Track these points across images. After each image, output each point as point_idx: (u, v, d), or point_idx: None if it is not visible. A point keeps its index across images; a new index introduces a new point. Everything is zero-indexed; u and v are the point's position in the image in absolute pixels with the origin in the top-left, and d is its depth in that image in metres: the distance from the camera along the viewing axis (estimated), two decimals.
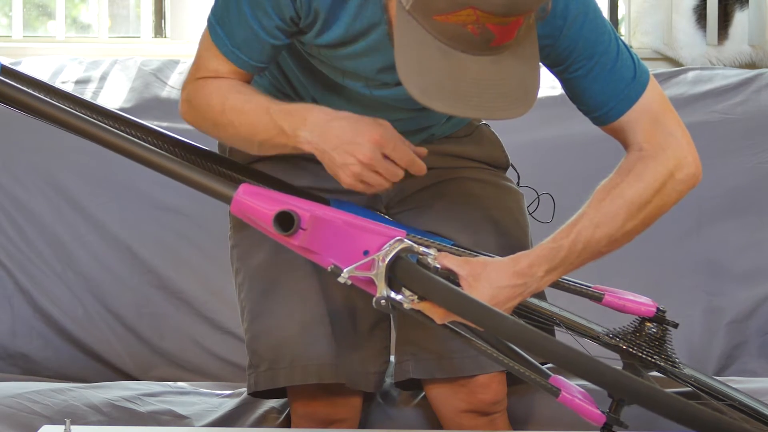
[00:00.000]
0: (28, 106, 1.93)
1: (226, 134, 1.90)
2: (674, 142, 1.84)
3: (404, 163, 1.79)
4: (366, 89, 1.91)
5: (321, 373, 1.96)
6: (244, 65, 1.87)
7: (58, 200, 2.79)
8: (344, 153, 1.77)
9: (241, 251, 2.05)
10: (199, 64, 1.91)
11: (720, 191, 2.82)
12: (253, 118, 1.84)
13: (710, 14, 3.26)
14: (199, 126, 1.93)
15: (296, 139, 1.80)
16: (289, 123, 1.80)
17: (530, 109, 1.65)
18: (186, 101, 1.93)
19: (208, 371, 2.72)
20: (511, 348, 1.81)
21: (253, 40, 1.84)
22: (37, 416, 2.13)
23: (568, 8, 1.77)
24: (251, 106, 1.85)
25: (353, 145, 1.77)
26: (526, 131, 2.73)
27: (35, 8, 3.53)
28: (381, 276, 1.72)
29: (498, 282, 1.77)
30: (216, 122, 1.88)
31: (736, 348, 2.77)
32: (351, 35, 1.82)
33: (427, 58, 1.62)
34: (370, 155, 1.76)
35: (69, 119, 1.91)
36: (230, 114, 1.85)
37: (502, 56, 1.63)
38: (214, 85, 1.88)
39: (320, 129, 1.79)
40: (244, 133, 1.86)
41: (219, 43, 1.86)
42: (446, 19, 1.59)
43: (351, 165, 1.77)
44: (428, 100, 1.62)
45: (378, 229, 1.77)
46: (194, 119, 1.92)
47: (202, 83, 1.89)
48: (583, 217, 1.80)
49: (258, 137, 1.85)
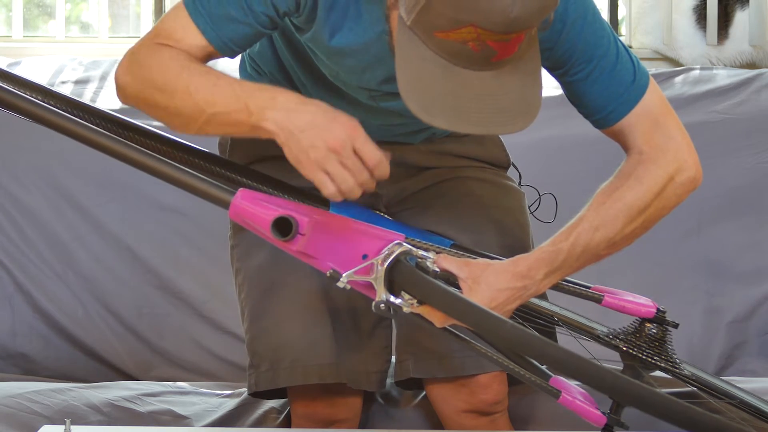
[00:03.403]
0: (21, 110, 1.92)
1: (171, 103, 1.78)
2: (674, 145, 1.83)
3: (372, 161, 1.71)
4: (371, 101, 1.90)
5: (322, 373, 1.96)
6: (221, 46, 1.80)
7: (58, 200, 2.79)
8: (313, 136, 1.69)
9: (242, 251, 2.05)
10: (160, 30, 1.82)
11: (720, 191, 2.82)
12: (214, 88, 1.75)
13: (710, 14, 3.26)
14: (137, 90, 1.81)
15: (260, 117, 1.71)
16: (257, 100, 1.72)
17: (532, 122, 1.65)
18: (132, 61, 1.82)
19: (208, 371, 2.72)
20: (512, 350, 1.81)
21: (237, 21, 1.78)
22: (37, 416, 2.13)
23: (567, 12, 1.77)
24: (213, 76, 1.77)
25: (324, 130, 1.70)
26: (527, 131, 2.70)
27: (35, 8, 3.53)
28: (380, 280, 1.72)
29: (497, 284, 1.77)
30: (165, 87, 1.77)
31: (736, 348, 2.77)
32: (356, 45, 1.81)
33: (428, 75, 1.62)
34: (340, 142, 1.69)
35: (64, 123, 1.89)
36: (188, 80, 1.76)
37: (504, 71, 1.63)
38: (173, 51, 1.79)
39: (290, 110, 1.71)
40: (197, 101, 1.75)
41: (198, 18, 1.79)
42: (447, 36, 1.59)
43: (317, 148, 1.69)
44: (430, 117, 1.62)
45: (376, 233, 1.76)
46: (134, 81, 1.81)
47: (160, 47, 1.80)
48: (582, 220, 1.80)
49: (212, 109, 1.74)
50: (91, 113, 1.99)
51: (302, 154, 1.71)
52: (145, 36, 1.85)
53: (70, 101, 2.00)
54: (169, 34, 1.81)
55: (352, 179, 1.71)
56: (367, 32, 1.80)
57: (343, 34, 1.80)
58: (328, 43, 1.82)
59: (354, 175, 1.71)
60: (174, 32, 1.80)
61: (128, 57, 1.84)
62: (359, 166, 1.71)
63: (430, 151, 2.07)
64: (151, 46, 1.81)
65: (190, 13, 1.80)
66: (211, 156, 2.01)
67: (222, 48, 1.81)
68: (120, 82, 1.84)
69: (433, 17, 1.58)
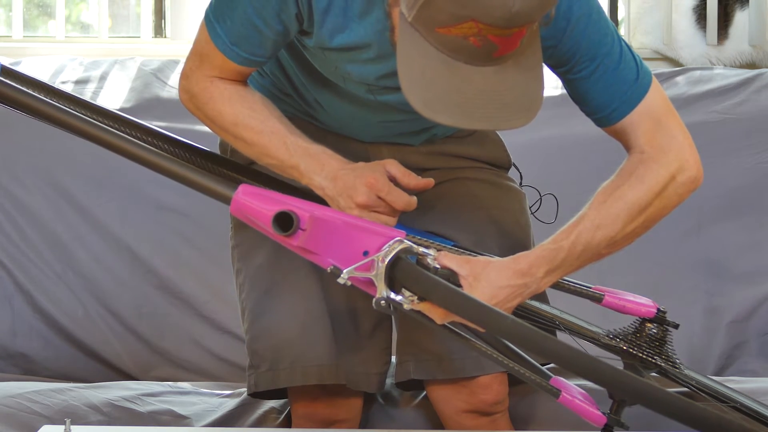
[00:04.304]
0: (27, 107, 1.93)
1: (231, 142, 1.92)
2: (676, 145, 1.83)
3: (400, 206, 1.83)
4: (369, 94, 1.90)
5: (321, 374, 1.96)
6: (243, 61, 1.86)
7: (58, 200, 2.79)
8: (346, 197, 1.82)
9: (243, 251, 2.05)
10: (203, 56, 1.88)
11: (720, 191, 2.82)
12: (268, 144, 1.87)
13: (710, 14, 3.26)
14: (202, 120, 1.93)
15: (310, 181, 1.85)
16: (306, 164, 1.85)
17: (534, 118, 1.65)
18: (189, 93, 1.91)
19: (208, 371, 2.72)
20: (512, 349, 1.80)
21: (254, 35, 1.83)
22: (37, 416, 2.13)
23: (572, 10, 1.77)
24: (267, 132, 1.87)
25: (352, 190, 1.82)
26: (528, 131, 2.69)
27: (35, 8, 3.53)
28: (381, 277, 1.72)
29: (498, 282, 1.77)
30: (223, 129, 1.90)
31: (736, 348, 2.77)
32: (359, 42, 1.81)
33: (430, 70, 1.62)
34: (365, 198, 1.81)
35: (68, 120, 1.91)
36: (243, 131, 1.87)
37: (505, 66, 1.63)
38: (224, 95, 1.88)
39: (332, 176, 1.84)
40: (254, 152, 1.89)
41: (217, 41, 1.85)
42: (448, 32, 1.59)
43: (352, 209, 1.82)
44: (431, 112, 1.63)
45: (377, 230, 1.77)
46: (197, 113, 1.92)
47: (210, 83, 1.88)
48: (583, 218, 1.80)
49: (268, 160, 1.89)
50: (94, 111, 2.00)
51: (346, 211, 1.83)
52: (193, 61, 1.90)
53: (74, 99, 2.00)
54: (211, 62, 1.87)
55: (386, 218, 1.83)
56: (368, 31, 1.80)
57: (344, 35, 1.80)
58: (329, 43, 1.82)
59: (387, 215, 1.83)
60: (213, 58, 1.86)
61: (184, 83, 1.92)
62: (390, 210, 1.83)
63: (430, 153, 2.07)
64: (203, 78, 1.89)
65: (212, 39, 1.85)
66: (213, 155, 2.01)
67: (249, 64, 1.87)
68: (185, 105, 1.94)
69: (434, 12, 1.58)
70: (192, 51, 1.90)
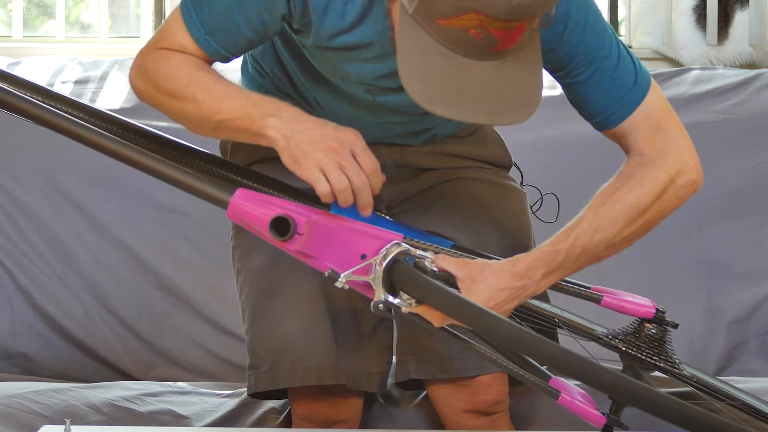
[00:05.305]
0: (21, 111, 1.92)
1: (181, 109, 1.84)
2: (675, 147, 1.83)
3: (369, 167, 1.74)
4: (368, 95, 1.90)
5: (322, 375, 1.96)
6: (214, 53, 1.84)
7: (58, 200, 2.80)
8: (313, 138, 1.74)
9: (243, 252, 2.05)
10: (164, 34, 1.86)
11: (720, 191, 2.82)
12: (220, 98, 1.80)
13: (710, 14, 3.26)
14: (150, 95, 1.87)
15: (262, 123, 1.76)
16: (260, 108, 1.77)
17: (533, 114, 1.65)
18: (142, 67, 1.87)
19: (208, 371, 2.72)
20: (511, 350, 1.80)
21: (231, 29, 1.81)
22: (37, 416, 2.13)
23: (569, 13, 1.77)
24: (221, 86, 1.81)
25: (325, 133, 1.74)
26: (529, 130, 2.72)
27: (35, 8, 3.53)
28: (378, 280, 1.72)
29: (496, 284, 1.77)
30: (174, 94, 1.83)
31: (736, 348, 2.77)
32: (359, 42, 1.81)
33: (430, 63, 1.62)
34: (340, 143, 1.73)
35: (63, 124, 1.90)
36: (195, 89, 1.81)
37: (505, 61, 1.63)
38: (179, 58, 1.84)
39: (293, 119, 1.76)
40: (204, 110, 1.80)
41: (192, 27, 1.82)
42: (449, 24, 1.59)
43: (317, 147, 1.73)
44: (431, 105, 1.62)
45: (375, 233, 1.76)
46: (146, 87, 1.87)
47: (166, 53, 1.85)
48: (582, 220, 1.80)
49: (218, 116, 1.80)
50: (90, 114, 1.99)
51: (301, 154, 1.73)
52: (152, 39, 1.88)
53: (69, 102, 2.00)
54: (172, 39, 1.84)
55: (347, 180, 1.73)
56: (368, 31, 1.80)
57: (344, 35, 1.80)
58: (328, 43, 1.82)
59: (350, 177, 1.73)
60: (175, 37, 1.84)
61: (138, 61, 1.88)
62: (356, 168, 1.73)
63: (430, 152, 2.07)
64: (157, 51, 1.85)
65: (186, 24, 1.83)
66: (210, 157, 2.00)
67: (219, 58, 1.85)
68: (134, 85, 1.89)
69: (435, 4, 1.58)
70: (155, 33, 1.89)
